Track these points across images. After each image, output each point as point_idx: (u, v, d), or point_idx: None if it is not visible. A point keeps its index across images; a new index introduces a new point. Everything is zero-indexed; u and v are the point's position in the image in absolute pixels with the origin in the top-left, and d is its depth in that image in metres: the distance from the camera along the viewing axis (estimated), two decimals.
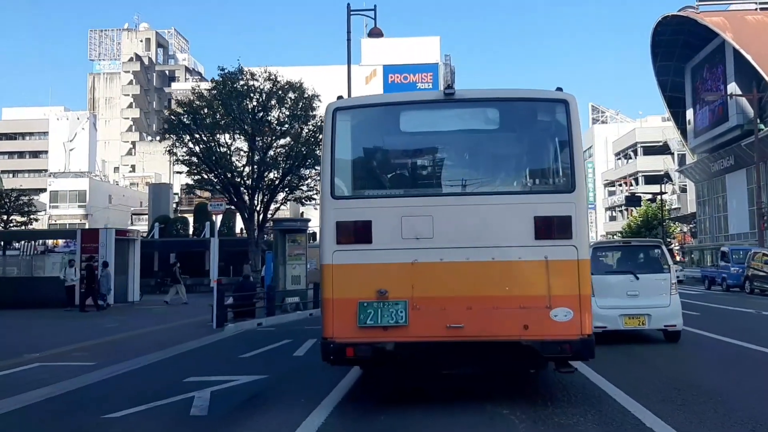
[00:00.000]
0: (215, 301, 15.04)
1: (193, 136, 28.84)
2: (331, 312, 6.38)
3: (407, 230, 6.32)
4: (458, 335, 6.14)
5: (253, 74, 28.95)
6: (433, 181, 7.07)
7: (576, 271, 6.17)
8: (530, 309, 6.13)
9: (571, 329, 6.08)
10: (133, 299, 25.69)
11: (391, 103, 7.27)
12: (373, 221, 6.37)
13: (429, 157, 7.19)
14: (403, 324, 6.18)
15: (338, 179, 6.63)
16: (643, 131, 76.21)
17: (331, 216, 6.44)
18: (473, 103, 6.92)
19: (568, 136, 6.43)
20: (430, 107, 7.03)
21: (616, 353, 9.98)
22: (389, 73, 74.37)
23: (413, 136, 7.14)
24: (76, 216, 67.22)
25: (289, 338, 12.94)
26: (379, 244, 6.34)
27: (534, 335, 6.09)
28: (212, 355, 11.39)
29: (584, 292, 6.17)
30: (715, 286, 28.45)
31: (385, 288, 6.23)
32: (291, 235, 21.20)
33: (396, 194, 6.74)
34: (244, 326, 15.51)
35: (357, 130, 6.93)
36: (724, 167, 40.44)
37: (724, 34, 35.98)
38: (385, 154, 7.29)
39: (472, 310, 6.18)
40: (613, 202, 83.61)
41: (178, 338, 13.10)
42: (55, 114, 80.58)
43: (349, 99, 7.38)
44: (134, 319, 17.83)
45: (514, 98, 6.95)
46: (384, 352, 6.25)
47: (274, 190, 29.87)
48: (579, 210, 6.30)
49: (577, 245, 6.21)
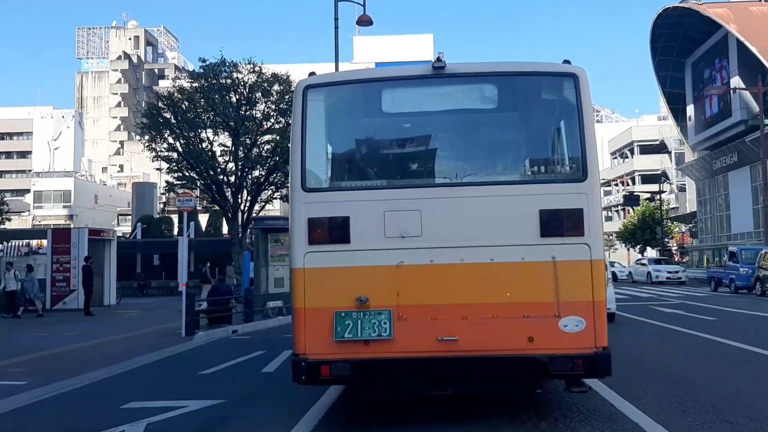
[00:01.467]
0: (184, 307, 13.57)
1: (174, 131, 27.35)
2: (302, 324, 5.42)
3: (391, 227, 5.41)
4: (451, 350, 5.25)
5: (236, 66, 27.48)
6: (421, 170, 6.05)
7: (589, 273, 5.28)
8: (536, 318, 5.26)
9: (584, 341, 5.20)
10: (109, 303, 24.14)
11: (372, 79, 6.19)
12: (352, 217, 5.43)
13: (416, 142, 6.15)
14: (387, 337, 5.26)
15: (310, 169, 5.61)
16: (640, 130, 75.15)
17: (303, 211, 5.47)
18: (467, 79, 5.94)
19: (578, 116, 5.44)
20: (417, 84, 5.99)
21: (668, 384, 8.55)
22: None
23: (398, 117, 6.18)
24: (61, 217, 65.61)
25: (263, 349, 11.50)
26: (358, 244, 5.41)
27: (541, 349, 5.22)
28: (169, 371, 9.90)
29: (598, 299, 5.27)
30: (722, 288, 27.11)
31: (366, 295, 5.31)
32: (273, 234, 19.75)
33: (378, 186, 5.82)
34: (217, 334, 14.04)
35: (332, 111, 5.93)
36: (726, 164, 39.19)
37: (727, 26, 34.74)
38: (365, 138, 6.21)
39: (468, 321, 5.29)
40: (609, 202, 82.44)
41: (139, 349, 11.63)
42: (40, 112, 78.75)
43: (322, 75, 6.06)
44: (99, 326, 16.33)
45: (515, 72, 5.94)
46: (365, 371, 5.35)
47: (259, 188, 28.42)
48: (592, 202, 5.38)
49: (590, 243, 5.31)
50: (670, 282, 34.27)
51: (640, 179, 72.24)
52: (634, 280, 36.99)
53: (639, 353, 10.08)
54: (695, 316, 16.13)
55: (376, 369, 5.36)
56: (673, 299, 22.62)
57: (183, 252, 13.83)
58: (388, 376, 5.50)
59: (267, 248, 19.57)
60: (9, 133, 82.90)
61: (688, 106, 44.26)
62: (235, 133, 27.29)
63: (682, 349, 10.66)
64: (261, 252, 19.44)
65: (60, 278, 22.76)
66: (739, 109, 36.83)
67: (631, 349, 10.49)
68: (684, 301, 21.73)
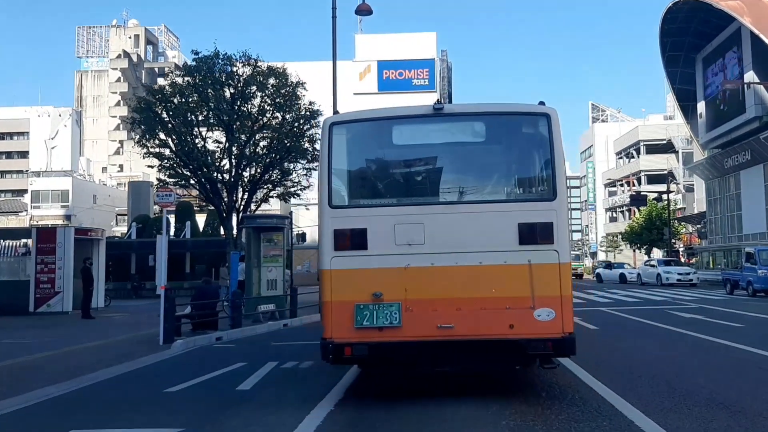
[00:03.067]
0: (162, 312, 12.43)
1: (165, 126, 26.22)
2: (329, 314, 6.64)
3: (400, 237, 6.61)
4: (448, 335, 6.43)
5: (230, 59, 26.34)
6: (424, 191, 7.27)
7: (558, 274, 6.45)
8: (515, 309, 6.42)
9: (553, 328, 6.39)
10: (97, 305, 23.00)
11: (384, 117, 7.36)
12: (369, 228, 6.65)
13: (420, 168, 7.38)
14: (397, 325, 6.45)
15: (335, 189, 6.89)
16: (646, 129, 73.92)
17: (329, 224, 6.71)
18: (461, 118, 7.36)
19: (550, 148, 6.68)
20: (421, 121, 7.32)
21: (714, 409, 7.37)
22: (384, 69, 71.92)
23: (405, 148, 7.43)
24: (59, 217, 64.60)
25: (245, 359, 10.33)
26: (374, 250, 6.62)
27: (519, 334, 6.38)
28: (132, 387, 8.71)
29: (566, 294, 6.46)
30: (738, 291, 25.85)
31: (380, 291, 6.51)
32: (266, 233, 18.60)
33: (389, 203, 7.05)
34: (199, 341, 12.89)
35: (352, 143, 7.27)
36: (738, 163, 37.87)
37: (741, 19, 33.47)
38: (379, 165, 7.49)
39: (462, 311, 6.47)
40: (614, 203, 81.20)
41: (108, 360, 10.48)
42: (36, 111, 77.71)
43: (344, 114, 7.70)
44: (77, 332, 15.20)
45: (500, 112, 7.31)
46: (379, 351, 6.54)
47: (254, 186, 27.31)
48: (560, 217, 6.58)
49: (558, 250, 6.50)
50: (681, 284, 33.01)
51: (646, 179, 70.96)
52: (643, 282, 35.71)
53: (669, 369, 8.89)
54: (718, 323, 14.93)
55: (387, 350, 6.52)
56: (688, 303, 21.40)
57: (162, 252, 12.69)
58: (398, 356, 6.65)
59: (259, 248, 18.44)
60: (8, 133, 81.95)
61: (698, 103, 42.94)
62: (230, 128, 26.18)
63: (714, 363, 9.46)
64: (253, 252, 18.31)
65: (44, 279, 21.63)
66: (754, 105, 35.55)
67: (659, 364, 9.35)
68: (701, 305, 20.50)
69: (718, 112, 40.65)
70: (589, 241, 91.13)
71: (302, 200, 57.94)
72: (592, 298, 24.54)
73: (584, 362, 8.77)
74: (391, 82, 71.30)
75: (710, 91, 41.61)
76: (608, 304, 21.55)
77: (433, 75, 71.71)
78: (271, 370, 9.24)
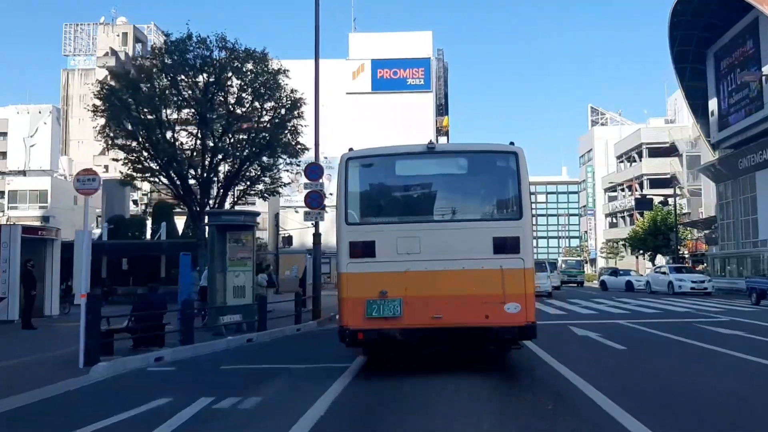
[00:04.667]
0: (83, 326, 9.82)
1: (131, 114, 23.61)
2: (346, 307, 8.46)
3: (401, 247, 8.41)
4: (439, 323, 8.26)
5: (204, 41, 23.75)
6: (420, 211, 9.19)
7: (523, 276, 8.29)
8: (490, 304, 8.22)
9: (519, 318, 8.20)
10: (51, 313, 20.38)
11: (389, 154, 9.26)
12: (376, 241, 8.46)
13: (417, 193, 9.44)
14: (399, 315, 8.26)
15: (350, 210, 8.74)
16: (649, 132, 71.61)
17: (346, 237, 8.55)
18: (448, 155, 9.68)
19: (518, 178, 8.57)
20: (417, 157, 9.16)
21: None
22: (378, 67, 69.42)
23: (405, 178, 9.34)
24: (36, 218, 61.76)
25: (174, 393, 7.75)
26: (380, 258, 8.41)
27: (493, 322, 8.25)
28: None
29: (529, 292, 8.31)
30: (765, 300, 23.33)
31: (386, 289, 8.28)
32: (233, 232, 16.07)
33: (393, 221, 8.89)
34: (132, 363, 10.25)
35: (363, 173, 9.04)
36: (754, 163, 35.40)
37: (761, 7, 31.09)
38: (384, 191, 9.46)
39: (449, 305, 8.27)
40: (614, 208, 78.79)
41: (11, 385, 7.96)
42: (16, 108, 74.88)
43: (357, 150, 9.14)
44: (3, 345, 12.61)
45: (478, 150, 9.38)
46: (385, 336, 8.36)
47: (230, 182, 24.72)
48: (525, 232, 8.42)
49: (523, 258, 8.32)
50: (695, 293, 30.48)
51: (648, 183, 68.57)
52: (652, 291, 33.12)
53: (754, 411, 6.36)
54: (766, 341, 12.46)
55: (392, 335, 8.36)
56: (715, 315, 18.86)
57: (85, 252, 10.09)
58: (400, 340, 8.46)
59: (225, 249, 15.92)
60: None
61: (710, 100, 40.51)
62: (203, 119, 23.60)
63: None
64: (217, 254, 15.75)
65: None
66: None
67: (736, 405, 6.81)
68: (732, 317, 17.96)
69: (731, 109, 38.24)
70: (588, 248, 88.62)
71: (287, 200, 55.32)
72: (603, 308, 22.00)
73: (632, 401, 6.25)
74: (385, 82, 68.76)
75: (721, 88, 39.21)
76: (624, 315, 19.01)
77: (429, 74, 69.22)
78: (198, 413, 6.66)
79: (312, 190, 19.08)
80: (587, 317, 18.44)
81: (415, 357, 9.79)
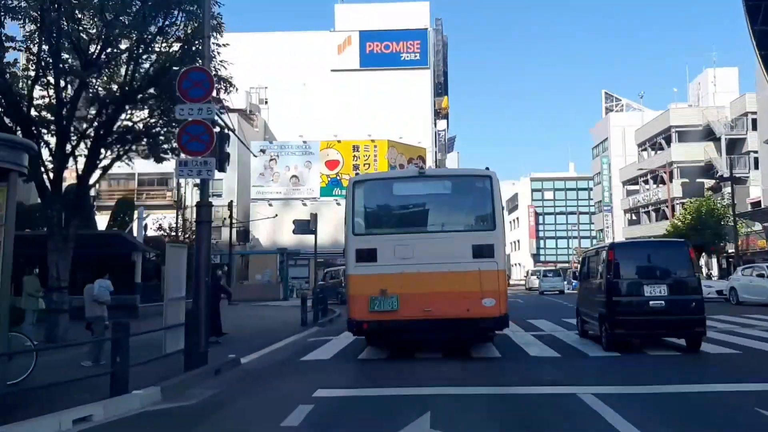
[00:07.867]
0: None
1: None
2: (354, 303, 11.11)
3: (398, 253, 10.90)
4: (429, 315, 10.65)
5: None
6: (413, 224, 11.84)
7: (497, 277, 10.89)
8: (470, 299, 10.63)
9: (494, 310, 10.69)
10: None
11: (388, 177, 13.96)
12: (378, 248, 11.05)
13: (410, 209, 12.12)
14: (396, 309, 10.74)
15: (357, 223, 11.45)
16: (679, 114, 62.29)
17: (353, 245, 11.18)
18: (436, 178, 13.37)
19: (491, 197, 11.23)
20: (411, 180, 12.43)
21: None
22: (367, 40, 60.14)
23: (401, 197, 12.09)
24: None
25: None
26: (381, 262, 10.94)
27: (473, 314, 10.67)
28: None
29: (502, 289, 10.97)
30: None
31: (385, 288, 10.76)
32: None
33: (391, 232, 11.53)
34: None
35: (367, 193, 11.82)
36: None
37: None
38: (384, 207, 12.23)
39: (437, 300, 10.64)
40: (636, 202, 69.46)
41: None
42: None
43: (363, 175, 13.57)
44: None
45: (461, 174, 13.87)
46: (385, 326, 10.93)
47: (102, 136, 15.22)
48: (498, 241, 11.05)
49: (497, 261, 10.91)
50: None
51: (678, 173, 59.33)
52: (740, 301, 23.80)
53: None
54: None
55: (390, 325, 10.87)
56: None
57: None
58: (397, 329, 11.03)
59: None
60: None
61: None
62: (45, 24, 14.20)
63: None
64: None
65: None
66: None
67: None
68: None
69: None
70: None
71: (259, 191, 45.48)
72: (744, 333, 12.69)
73: None
74: (375, 57, 59.53)
75: None
76: None
77: (426, 48, 59.96)
78: None
79: (193, 120, 9.96)
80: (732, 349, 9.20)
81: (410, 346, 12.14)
